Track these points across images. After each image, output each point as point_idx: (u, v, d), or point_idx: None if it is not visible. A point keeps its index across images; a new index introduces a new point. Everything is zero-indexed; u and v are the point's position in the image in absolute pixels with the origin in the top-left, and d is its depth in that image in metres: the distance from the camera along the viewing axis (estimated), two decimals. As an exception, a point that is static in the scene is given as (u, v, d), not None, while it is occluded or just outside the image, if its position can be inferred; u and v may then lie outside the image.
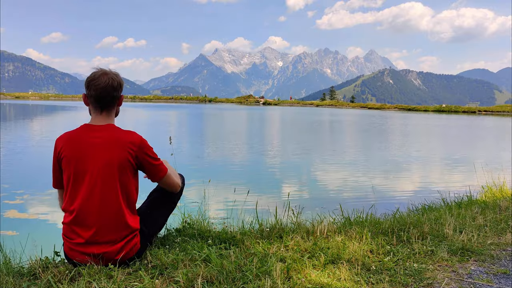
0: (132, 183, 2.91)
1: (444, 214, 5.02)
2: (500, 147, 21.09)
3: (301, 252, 3.37)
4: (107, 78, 2.89)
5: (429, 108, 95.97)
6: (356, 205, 8.15)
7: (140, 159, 2.89)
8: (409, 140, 23.72)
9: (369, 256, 3.37)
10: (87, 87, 2.92)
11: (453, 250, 3.63)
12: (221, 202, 7.62)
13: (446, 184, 10.64)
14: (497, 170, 11.20)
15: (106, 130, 2.88)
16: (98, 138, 2.84)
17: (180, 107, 77.70)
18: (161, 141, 18.58)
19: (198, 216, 4.03)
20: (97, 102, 2.91)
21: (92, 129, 2.88)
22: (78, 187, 2.80)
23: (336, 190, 9.53)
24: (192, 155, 14.60)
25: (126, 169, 2.83)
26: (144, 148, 2.90)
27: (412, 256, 3.44)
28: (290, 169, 12.50)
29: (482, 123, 47.56)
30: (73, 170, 2.80)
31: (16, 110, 51.31)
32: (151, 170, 2.99)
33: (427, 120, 49.77)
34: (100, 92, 2.87)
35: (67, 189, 2.85)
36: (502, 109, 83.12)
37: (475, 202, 6.64)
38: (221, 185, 9.29)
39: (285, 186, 9.84)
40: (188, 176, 3.84)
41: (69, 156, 2.81)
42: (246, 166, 12.75)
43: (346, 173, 11.98)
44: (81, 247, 2.79)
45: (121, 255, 2.84)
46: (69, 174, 2.82)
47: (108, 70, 2.96)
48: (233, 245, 3.45)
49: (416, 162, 14.81)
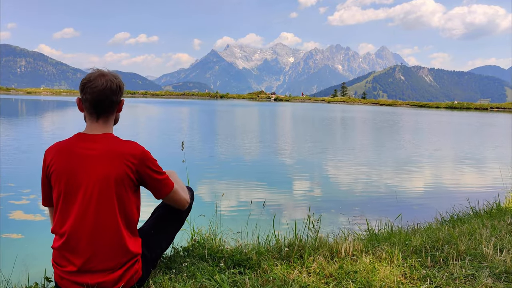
0: (133, 201, 2.52)
1: (477, 228, 4.59)
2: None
3: (325, 278, 2.96)
4: (105, 80, 2.50)
5: (441, 105, 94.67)
6: (378, 210, 7.72)
7: (141, 173, 2.50)
8: (427, 138, 23.14)
9: (402, 282, 2.96)
10: (82, 90, 2.53)
11: (496, 274, 3.20)
12: (235, 212, 7.12)
13: (471, 187, 10.19)
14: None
15: (103, 141, 2.50)
16: (93, 149, 2.45)
17: (192, 103, 77.46)
18: (172, 142, 18.28)
19: (209, 231, 3.62)
20: (93, 108, 2.52)
21: (87, 139, 2.50)
22: (70, 206, 2.42)
23: (357, 194, 9.09)
24: (205, 155, 14.23)
25: (125, 185, 2.45)
26: (146, 160, 2.52)
27: (451, 282, 3.02)
28: (307, 170, 12.06)
29: (498, 120, 46.64)
30: (63, 187, 2.42)
31: (28, 105, 51.37)
32: (154, 186, 2.60)
33: (441, 117, 48.93)
34: (97, 96, 2.49)
35: (56, 208, 2.47)
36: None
37: (506, 210, 6.18)
38: (233, 190, 8.86)
39: (302, 189, 9.39)
40: (200, 183, 3.47)
41: (60, 171, 2.43)
42: (261, 168, 12.30)
43: (366, 174, 11.54)
44: (73, 276, 2.40)
45: (120, 286, 2.45)
46: (59, 191, 2.44)
47: (107, 71, 2.57)
48: (249, 269, 3.05)
49: (437, 162, 14.33)
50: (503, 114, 64.74)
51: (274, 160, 13.65)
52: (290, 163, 13.16)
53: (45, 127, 23.68)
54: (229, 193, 8.32)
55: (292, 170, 11.98)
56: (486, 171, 12.72)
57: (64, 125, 25.51)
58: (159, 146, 16.10)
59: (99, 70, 2.56)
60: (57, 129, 22.64)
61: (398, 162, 14.16)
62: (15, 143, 14.90)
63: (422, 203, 8.42)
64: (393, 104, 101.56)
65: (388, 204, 8.12)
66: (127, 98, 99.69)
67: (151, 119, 33.98)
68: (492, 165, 13.60)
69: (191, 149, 15.13)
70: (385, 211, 7.46)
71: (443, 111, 73.72)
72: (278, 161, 13.58)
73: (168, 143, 17.37)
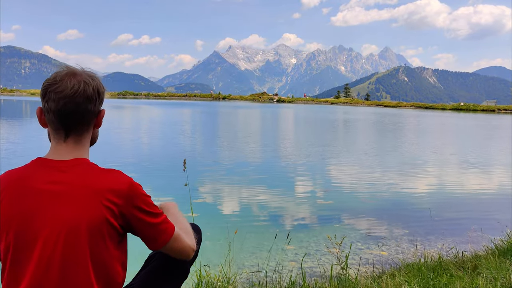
0: (115, 257, 1.72)
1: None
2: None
3: None
4: (76, 82, 1.70)
5: (447, 107, 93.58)
6: (409, 227, 6.87)
7: (128, 217, 1.71)
8: (445, 143, 22.30)
9: None
10: (44, 96, 1.75)
11: None
12: (251, 243, 5.55)
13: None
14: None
15: (73, 170, 1.70)
16: (58, 183, 1.65)
17: (194, 104, 76.65)
18: (173, 148, 17.50)
19: (220, 274, 2.84)
20: (60, 122, 1.73)
21: (50, 168, 1.70)
22: (22, 267, 1.62)
23: (382, 210, 8.22)
24: (211, 166, 13.31)
25: (104, 235, 1.65)
26: (135, 199, 1.72)
27: None
28: (327, 184, 11.11)
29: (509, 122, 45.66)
30: (13, 238, 1.62)
31: (32, 106, 50.68)
32: (148, 234, 1.78)
33: (451, 119, 48.00)
34: (64, 105, 1.70)
35: (4, 269, 1.68)
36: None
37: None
38: (248, 217, 7.42)
39: (328, 212, 8.33)
40: (206, 210, 2.69)
41: (8, 215, 1.63)
42: (275, 184, 11.24)
43: (393, 185, 10.62)
44: None
45: None
46: (7, 245, 1.63)
47: (80, 70, 1.78)
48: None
49: (465, 170, 13.47)
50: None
51: (296, 175, 12.47)
52: (312, 179, 12.33)
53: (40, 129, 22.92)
54: (243, 220, 7.04)
55: (320, 193, 11.20)
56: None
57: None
58: (158, 155, 15.34)
59: (69, 67, 1.78)
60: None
61: (422, 170, 13.32)
62: (12, 147, 14.21)
63: (455, 220, 7.60)
64: (398, 106, 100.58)
65: (418, 223, 7.28)
66: (130, 100, 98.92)
67: (153, 121, 33.26)
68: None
69: (195, 163, 14.38)
70: (414, 233, 6.60)
71: (449, 112, 72.71)
72: (302, 177, 12.44)
73: (169, 150, 16.58)
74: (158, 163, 13.17)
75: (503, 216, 7.41)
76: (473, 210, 8.28)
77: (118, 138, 19.87)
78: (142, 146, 17.36)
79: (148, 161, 13.53)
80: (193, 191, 8.69)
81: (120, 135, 21.00)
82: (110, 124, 26.98)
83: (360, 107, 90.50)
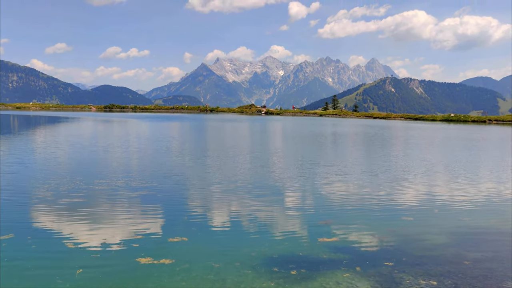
0: None
1: None
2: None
3: None
4: None
5: (437, 117, 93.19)
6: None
7: None
8: (449, 157, 21.18)
9: None
10: None
11: None
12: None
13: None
14: None
15: None
16: None
17: (182, 117, 75.29)
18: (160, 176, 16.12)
19: None
20: None
21: None
22: None
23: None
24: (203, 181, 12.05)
25: None
26: None
27: None
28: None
29: (507, 133, 44.90)
30: None
31: (4, 121, 48.90)
32: None
33: (449, 132, 47.06)
34: None
35: None
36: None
37: None
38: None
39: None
40: None
41: None
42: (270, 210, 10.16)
43: (402, 213, 9.48)
44: None
45: None
46: None
47: None
48: None
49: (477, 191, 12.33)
50: (505, 127, 63.13)
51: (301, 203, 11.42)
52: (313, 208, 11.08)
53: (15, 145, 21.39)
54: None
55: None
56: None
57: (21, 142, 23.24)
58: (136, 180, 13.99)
59: None
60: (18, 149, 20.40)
61: (435, 189, 12.14)
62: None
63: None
64: (387, 117, 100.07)
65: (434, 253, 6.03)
66: (117, 113, 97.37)
67: (140, 137, 31.75)
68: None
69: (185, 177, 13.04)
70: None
71: (440, 124, 72.04)
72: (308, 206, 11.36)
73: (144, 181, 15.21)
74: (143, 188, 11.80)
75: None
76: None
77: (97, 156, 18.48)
78: (114, 164, 15.96)
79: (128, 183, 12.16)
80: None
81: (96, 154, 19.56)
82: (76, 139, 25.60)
83: (349, 119, 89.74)
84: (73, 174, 14.04)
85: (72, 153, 19.94)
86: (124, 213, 9.55)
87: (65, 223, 8.70)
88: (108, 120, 58.77)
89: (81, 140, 26.57)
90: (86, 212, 9.50)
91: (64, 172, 14.42)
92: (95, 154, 19.76)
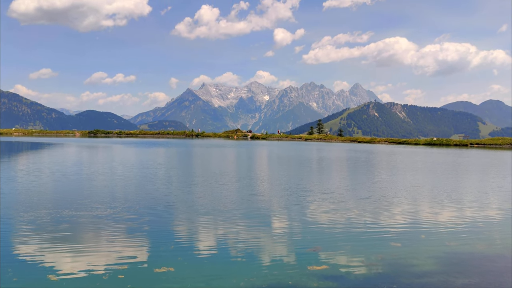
0: None
1: None
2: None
3: None
4: None
5: (420, 141, 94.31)
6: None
7: None
8: (434, 181, 21.35)
9: None
10: None
11: None
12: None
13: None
14: None
15: None
16: None
17: (168, 143, 74.98)
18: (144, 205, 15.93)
19: None
20: None
21: None
22: None
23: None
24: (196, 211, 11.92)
25: None
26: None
27: None
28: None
29: (496, 156, 45.57)
30: None
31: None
32: None
33: (434, 156, 47.56)
34: None
35: None
36: (494, 142, 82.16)
37: None
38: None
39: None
40: None
41: None
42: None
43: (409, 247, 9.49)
44: None
45: None
46: None
47: None
48: None
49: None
50: (487, 150, 64.11)
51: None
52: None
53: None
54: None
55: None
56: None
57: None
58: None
59: None
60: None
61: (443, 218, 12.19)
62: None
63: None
64: (372, 142, 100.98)
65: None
66: (101, 139, 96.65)
67: (125, 164, 31.44)
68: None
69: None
70: None
71: (423, 148, 72.89)
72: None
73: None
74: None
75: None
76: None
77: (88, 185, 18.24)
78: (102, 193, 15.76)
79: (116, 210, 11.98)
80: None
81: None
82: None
83: (335, 143, 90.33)
84: (55, 204, 13.78)
85: (54, 182, 19.54)
86: (109, 243, 9.39)
87: (47, 254, 8.52)
88: (92, 146, 58.28)
89: (64, 168, 26.13)
90: (69, 243, 9.32)
91: (46, 202, 14.14)
92: (78, 183, 19.48)
